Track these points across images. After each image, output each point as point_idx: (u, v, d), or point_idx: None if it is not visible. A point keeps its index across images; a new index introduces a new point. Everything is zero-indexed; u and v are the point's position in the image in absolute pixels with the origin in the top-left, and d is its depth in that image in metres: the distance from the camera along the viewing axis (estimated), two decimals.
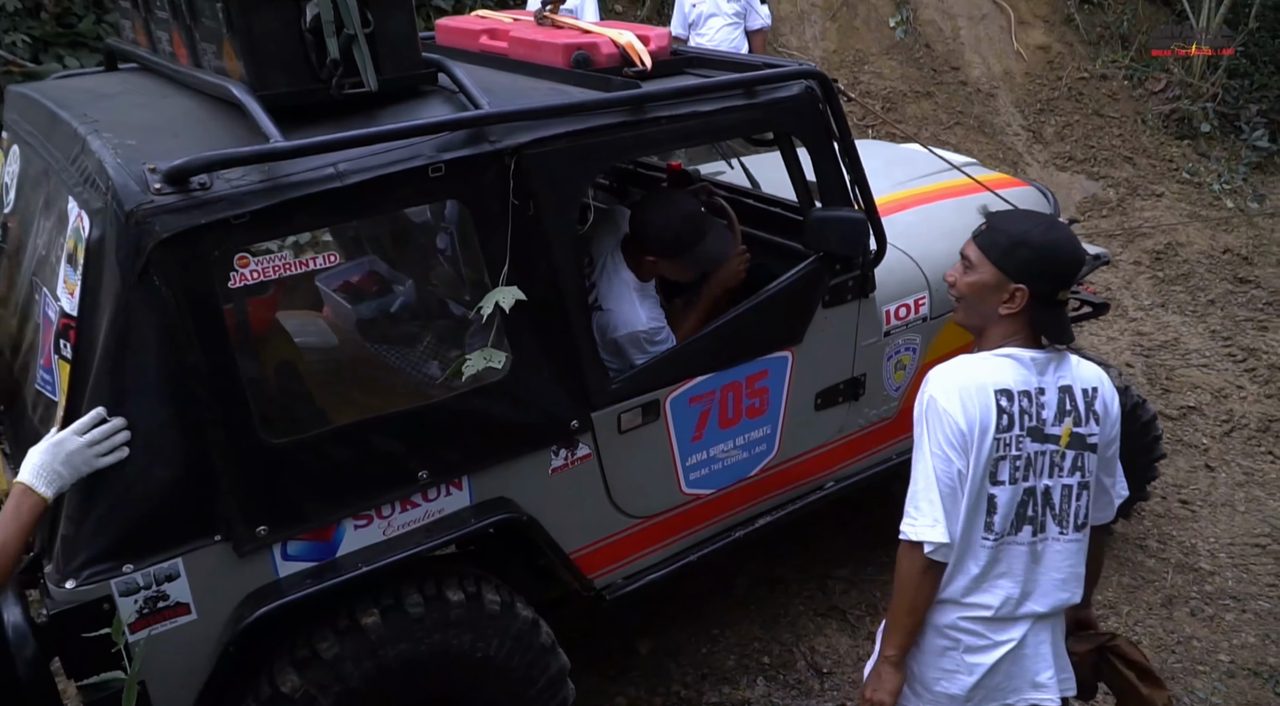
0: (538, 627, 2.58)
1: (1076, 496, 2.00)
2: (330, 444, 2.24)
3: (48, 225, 2.35)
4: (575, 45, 2.74)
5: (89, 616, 2.05)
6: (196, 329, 2.02)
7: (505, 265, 2.29)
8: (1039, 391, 1.98)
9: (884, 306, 3.26)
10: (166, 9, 2.43)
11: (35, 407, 2.35)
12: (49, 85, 2.82)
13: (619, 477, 2.77)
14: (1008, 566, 2.01)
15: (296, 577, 2.29)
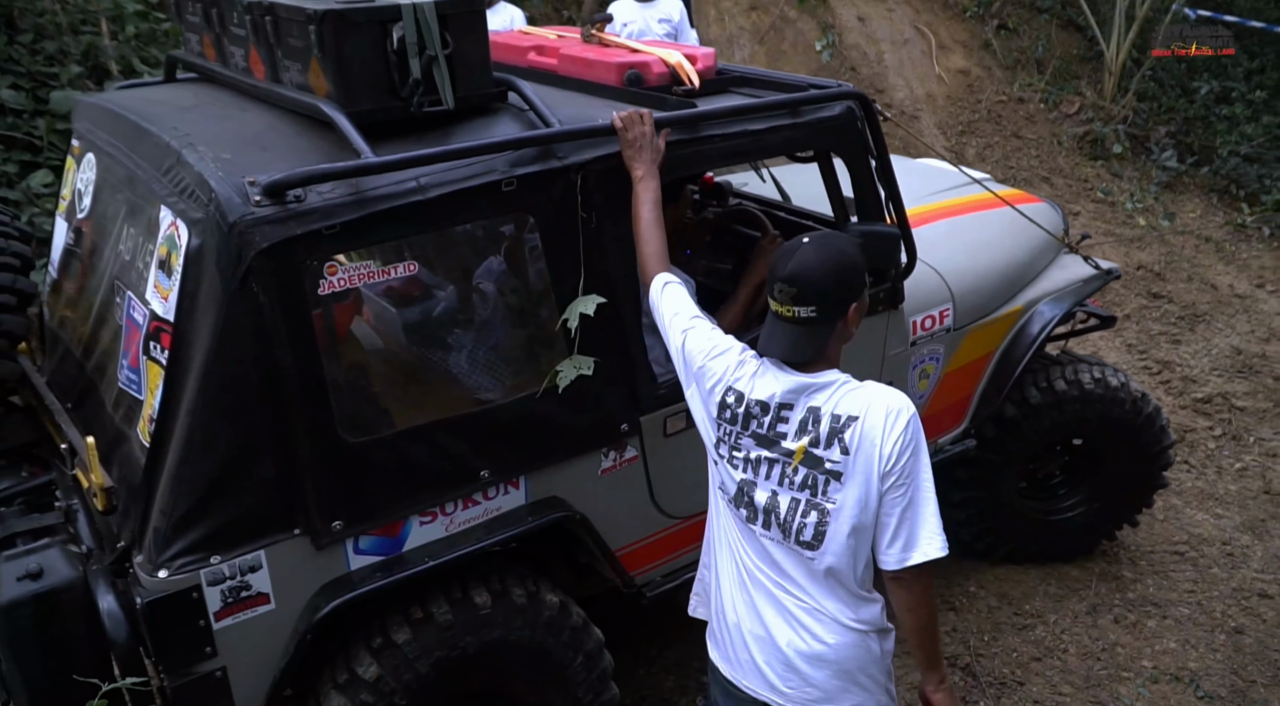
0: (568, 610, 2.70)
1: (802, 513, 1.97)
2: (402, 444, 2.36)
3: (132, 231, 2.46)
4: (627, 64, 2.87)
5: (179, 604, 2.16)
6: (289, 333, 2.13)
7: (581, 275, 2.42)
8: (782, 405, 1.99)
9: (911, 317, 3.39)
10: (245, 27, 2.54)
11: (118, 405, 2.45)
12: (119, 96, 2.93)
13: (662, 479, 2.89)
14: (730, 538, 2.14)
15: (367, 570, 2.40)
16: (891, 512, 1.92)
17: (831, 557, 1.96)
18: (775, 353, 2.00)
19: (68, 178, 2.97)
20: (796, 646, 2.02)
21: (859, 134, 2.97)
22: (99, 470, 2.21)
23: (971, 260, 3.69)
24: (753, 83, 3.05)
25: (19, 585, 2.12)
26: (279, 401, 2.18)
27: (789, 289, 1.94)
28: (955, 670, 3.57)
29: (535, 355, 2.50)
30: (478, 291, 2.38)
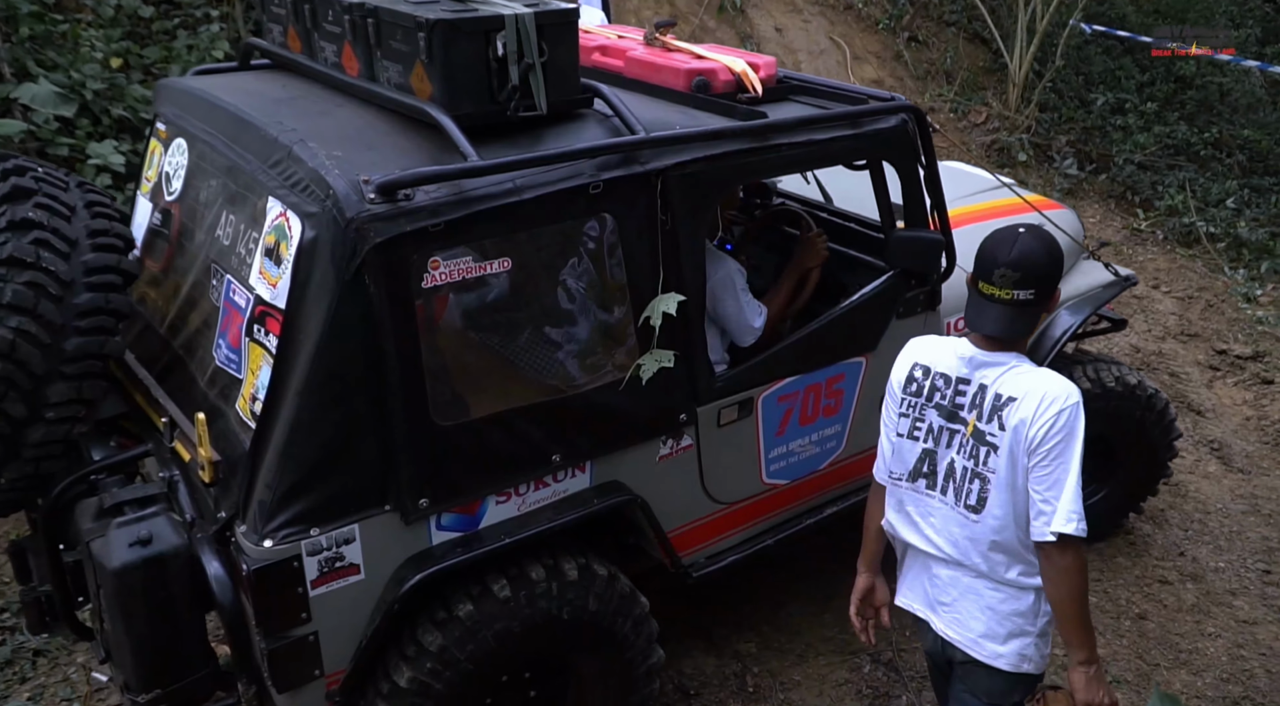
0: (616, 580, 2.85)
1: (969, 479, 2.22)
2: (485, 428, 2.50)
3: (232, 218, 2.58)
4: (695, 71, 3.00)
5: (281, 572, 2.31)
6: (393, 323, 2.27)
7: (661, 274, 2.57)
8: (960, 380, 2.24)
9: (946, 318, 3.55)
10: (342, 25, 2.65)
11: (213, 382, 2.58)
12: (205, 82, 3.03)
13: (712, 466, 3.05)
14: (906, 506, 2.38)
15: (447, 546, 2.55)
16: (1037, 489, 2.12)
17: (992, 521, 2.19)
18: (989, 329, 2.18)
19: (152, 160, 3.07)
20: (960, 584, 2.30)
21: (912, 144, 3.12)
22: (208, 445, 2.34)
23: None
24: (811, 91, 3.19)
25: (131, 550, 2.26)
26: (380, 386, 2.32)
27: (1011, 274, 2.12)
28: (878, 665, 3.68)
29: (609, 348, 2.65)
30: (561, 287, 2.52)
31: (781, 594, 3.88)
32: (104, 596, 2.32)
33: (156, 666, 2.35)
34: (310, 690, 2.47)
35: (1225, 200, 8.54)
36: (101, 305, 2.44)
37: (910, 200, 3.22)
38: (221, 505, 2.42)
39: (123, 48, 5.56)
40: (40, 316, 2.33)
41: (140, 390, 2.81)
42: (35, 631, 2.76)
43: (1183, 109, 9.79)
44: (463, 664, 2.59)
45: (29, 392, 2.35)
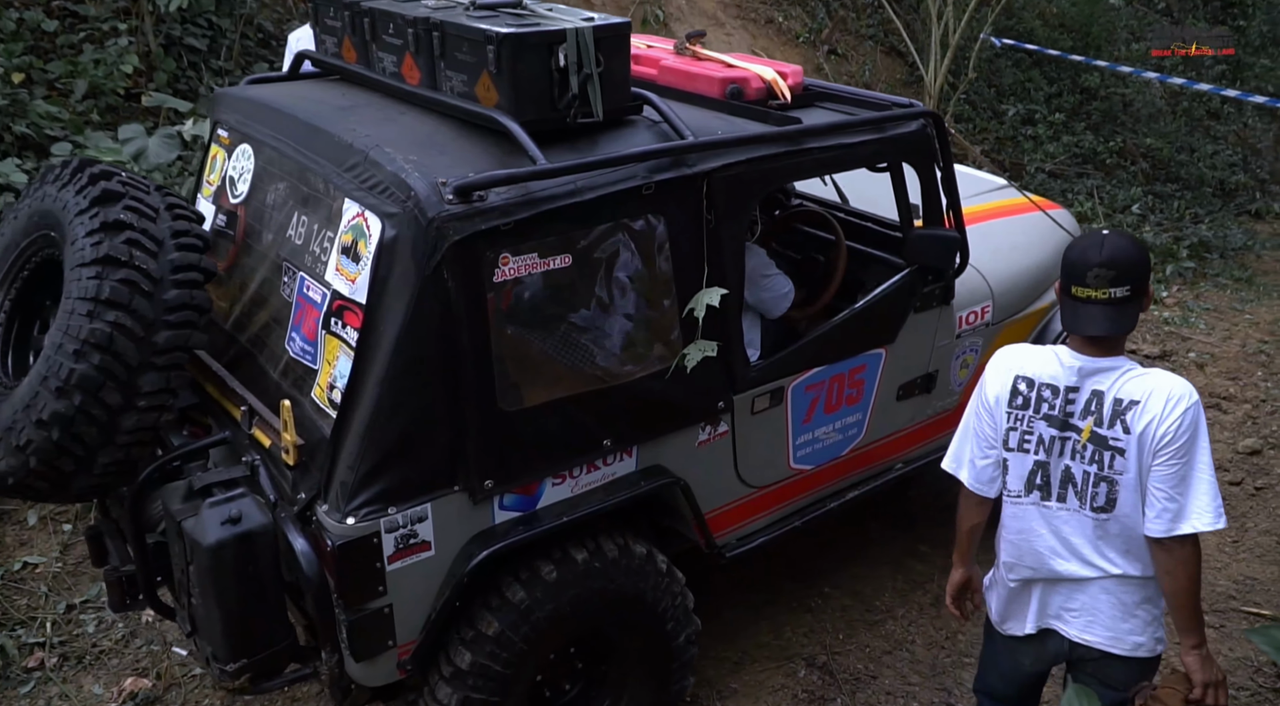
0: (654, 557, 3.03)
1: (1094, 483, 2.28)
2: (545, 414, 2.68)
3: (305, 219, 2.75)
4: (729, 79, 3.20)
5: (362, 548, 2.48)
6: (468, 316, 2.45)
7: (705, 270, 2.76)
8: (1069, 389, 2.29)
9: (958, 313, 3.76)
10: (405, 37, 2.83)
11: (286, 373, 2.75)
12: (266, 91, 3.20)
13: (745, 452, 3.24)
14: (1025, 524, 2.42)
15: (508, 524, 2.73)
16: (1163, 486, 2.19)
17: (1123, 519, 2.27)
18: (1093, 330, 2.23)
19: (214, 164, 3.23)
20: (1090, 589, 2.37)
21: (931, 148, 3.33)
22: (293, 430, 2.51)
23: (1007, 261, 4.06)
24: (835, 98, 3.39)
25: (223, 528, 2.42)
26: (453, 374, 2.50)
27: (1107, 272, 2.19)
28: (813, 669, 3.73)
29: (656, 339, 2.83)
30: (614, 282, 2.70)
31: (718, 601, 3.92)
32: (195, 573, 2.48)
33: (243, 637, 2.51)
34: (384, 660, 2.64)
35: (1131, 206, 8.99)
36: (187, 301, 2.60)
37: (928, 200, 3.43)
38: (300, 487, 2.59)
39: (25, 62, 5.51)
40: (135, 311, 2.49)
41: (212, 381, 2.97)
42: (117, 609, 2.91)
43: (1088, 119, 10.33)
44: (518, 645, 2.76)
45: (124, 383, 2.50)
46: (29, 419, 2.47)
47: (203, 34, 6.61)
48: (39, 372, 2.48)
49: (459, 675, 2.71)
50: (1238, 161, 11.14)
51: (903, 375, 3.65)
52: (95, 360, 2.45)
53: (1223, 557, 4.41)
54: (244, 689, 2.61)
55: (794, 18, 9.90)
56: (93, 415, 2.48)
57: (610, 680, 3.14)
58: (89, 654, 3.68)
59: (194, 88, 6.36)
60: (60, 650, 3.69)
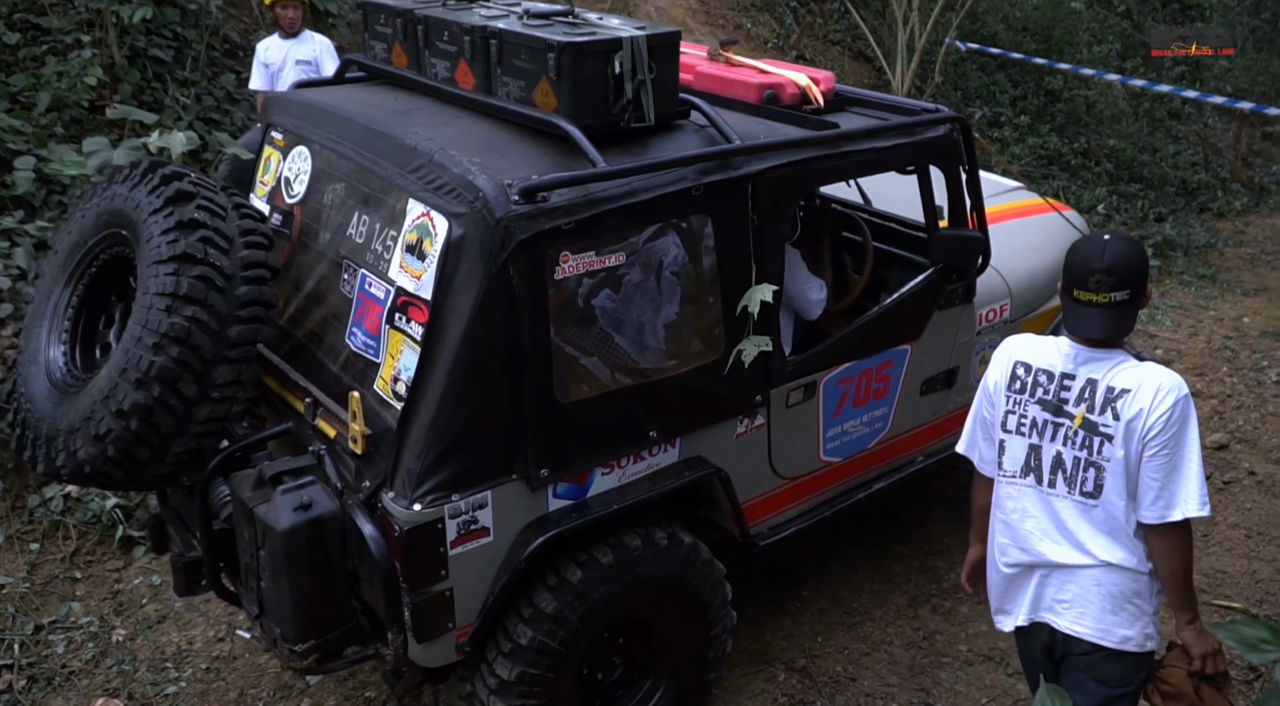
0: (698, 547, 3.16)
1: (1083, 469, 2.35)
2: (597, 406, 2.80)
3: (365, 219, 2.86)
4: (765, 85, 3.32)
5: (428, 533, 2.60)
6: (530, 311, 2.57)
7: (753, 267, 2.88)
8: (1064, 376, 2.38)
9: (978, 310, 3.90)
10: (460, 44, 2.94)
11: (347, 366, 2.86)
12: (318, 94, 3.31)
13: (779, 444, 3.36)
14: (1019, 504, 2.49)
15: (562, 512, 2.85)
16: (1155, 475, 2.28)
17: (1110, 506, 2.34)
18: (1093, 333, 2.33)
19: (268, 166, 3.34)
20: (1081, 580, 2.41)
21: (958, 151, 3.46)
22: (362, 421, 2.63)
23: (1024, 261, 4.20)
24: (865, 103, 3.52)
25: (295, 514, 2.53)
26: (515, 367, 2.61)
27: (1107, 278, 2.28)
28: (792, 672, 3.72)
29: (701, 335, 2.96)
30: (664, 279, 2.82)
31: None
32: (267, 556, 2.59)
33: (312, 619, 2.63)
34: (443, 641, 2.75)
35: (1096, 206, 9.17)
36: (256, 297, 2.72)
37: (954, 201, 3.56)
38: (365, 475, 2.70)
39: None
40: (210, 306, 2.60)
41: (269, 375, 3.08)
42: (183, 593, 3.02)
43: (1053, 121, 10.56)
44: (573, 624, 2.88)
45: (199, 375, 2.61)
46: (108, 409, 2.58)
47: (167, 45, 6.56)
48: (118, 364, 2.59)
49: (518, 651, 2.82)
50: (1199, 161, 11.46)
51: (926, 371, 3.78)
52: (174, 353, 2.56)
53: (1193, 551, 4.48)
54: (310, 669, 2.72)
55: (762, 24, 10.07)
56: (170, 405, 2.59)
57: (651, 666, 3.26)
58: (58, 675, 3.68)
59: (159, 99, 6.33)
60: (29, 671, 3.68)
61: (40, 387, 2.84)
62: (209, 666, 3.71)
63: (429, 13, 3.08)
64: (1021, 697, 3.63)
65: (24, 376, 2.90)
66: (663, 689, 3.28)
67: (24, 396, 2.87)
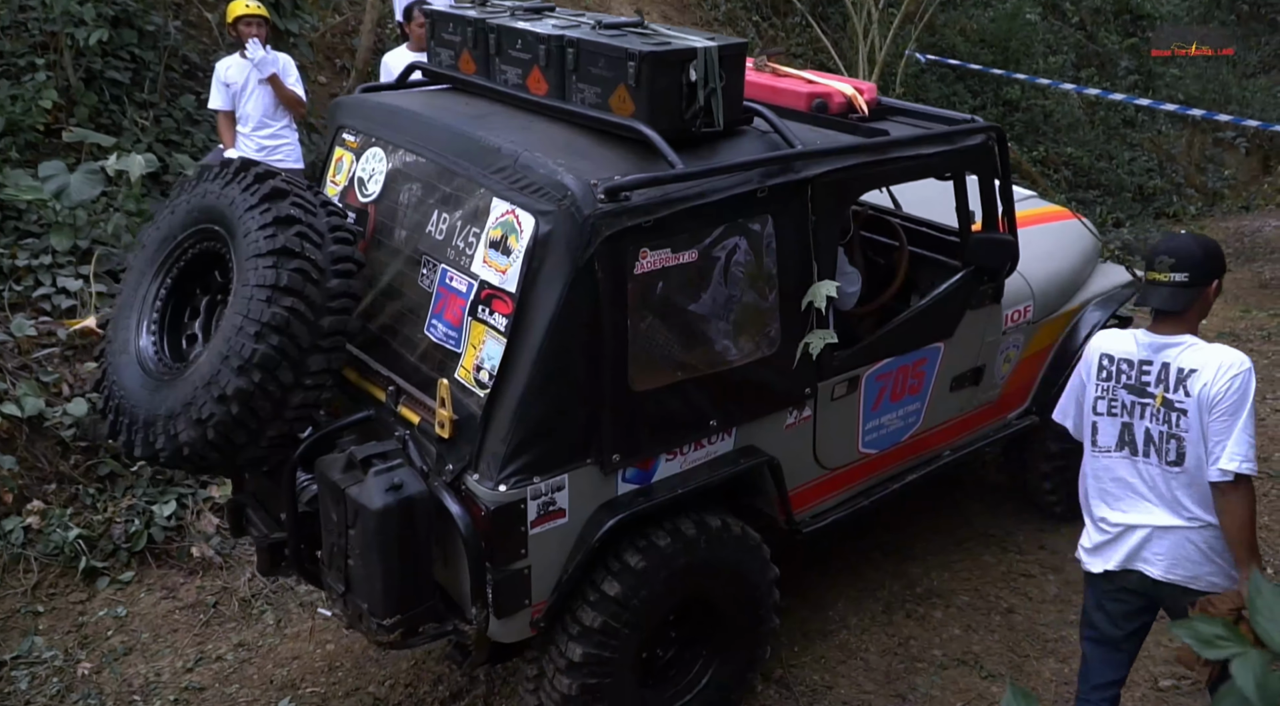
0: (747, 532, 3.32)
1: (1166, 441, 2.72)
2: (666, 395, 2.96)
3: (446, 216, 3.02)
4: (814, 94, 3.50)
5: (511, 513, 2.75)
6: (611, 304, 2.73)
7: (814, 265, 3.06)
8: (1143, 362, 2.77)
9: (1004, 311, 4.09)
10: (534, 52, 3.10)
11: (427, 356, 3.01)
12: (391, 98, 3.47)
13: (823, 435, 3.53)
14: (1115, 475, 2.83)
15: (630, 495, 3.01)
16: (1217, 439, 2.62)
17: (1191, 472, 2.68)
18: (1155, 304, 2.74)
19: (339, 166, 3.49)
20: (1173, 536, 2.74)
21: (993, 159, 3.65)
22: (451, 407, 2.78)
23: (1045, 265, 4.40)
24: (905, 113, 3.71)
25: (388, 494, 2.67)
26: (594, 357, 2.77)
27: (1167, 260, 2.71)
28: (770, 683, 3.76)
29: (762, 329, 3.12)
30: (730, 276, 2.99)
31: None
32: (358, 535, 2.73)
33: (401, 595, 2.77)
34: (520, 617, 2.90)
35: None
36: (346, 289, 2.87)
37: (987, 206, 3.75)
38: (448, 458, 2.85)
39: None
40: (307, 298, 2.75)
41: (349, 365, 3.22)
42: (267, 573, 3.16)
43: (1012, 131, 10.90)
44: (637, 605, 3.03)
45: (295, 362, 2.76)
46: (210, 394, 2.72)
47: (125, 67, 6.47)
48: (219, 352, 2.73)
49: (587, 633, 2.97)
50: (1154, 167, 11.89)
51: (956, 368, 3.96)
52: (274, 341, 2.70)
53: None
54: (396, 643, 2.86)
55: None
56: (268, 391, 2.73)
57: (705, 646, 3.42)
58: None
59: (117, 122, 6.24)
60: None
61: (133, 376, 2.97)
62: (177, 698, 3.72)
63: (501, 22, 3.24)
64: (994, 701, 3.73)
65: (115, 365, 3.03)
66: (714, 667, 3.44)
67: (116, 384, 3.00)
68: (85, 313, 4.98)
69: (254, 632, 4.02)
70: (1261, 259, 9.81)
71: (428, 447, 2.90)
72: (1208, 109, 11.20)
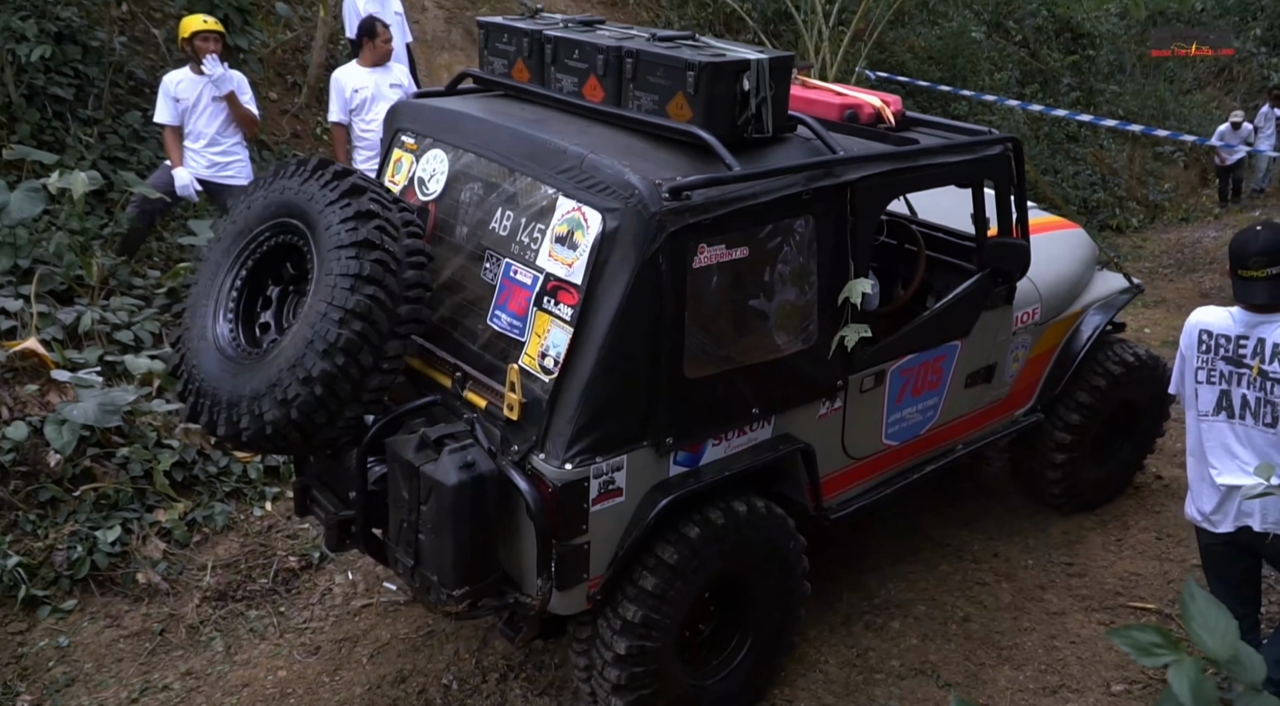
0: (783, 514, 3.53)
1: (1262, 406, 3.15)
2: (716, 382, 3.17)
3: (510, 213, 3.21)
4: (845, 105, 3.73)
5: (576, 491, 2.94)
6: (672, 295, 2.94)
7: (851, 264, 3.28)
8: (1239, 337, 3.19)
9: (1015, 312, 4.33)
10: (591, 62, 3.30)
11: (490, 345, 3.20)
12: (451, 102, 3.67)
13: (851, 426, 3.75)
14: (1220, 437, 3.26)
15: (680, 477, 3.21)
16: None
17: None
18: (1258, 300, 3.15)
19: (398, 167, 3.67)
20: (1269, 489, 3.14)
21: (1010, 169, 3.90)
22: (520, 391, 2.97)
23: (1051, 270, 4.65)
24: (927, 124, 3.95)
25: (461, 471, 2.85)
26: (654, 345, 2.98)
27: (1262, 258, 3.11)
28: None
29: (802, 322, 3.34)
30: (776, 272, 3.20)
31: None
32: (431, 510, 2.91)
33: (470, 567, 2.95)
34: (578, 591, 3.09)
35: None
36: (420, 280, 3.05)
37: (1003, 213, 3.99)
38: (514, 440, 3.03)
39: None
40: (386, 287, 2.94)
41: (414, 353, 3.40)
42: (335, 549, 3.32)
43: None
44: (689, 575, 3.23)
45: (375, 348, 2.94)
46: (295, 376, 2.89)
47: (68, 83, 6.40)
48: (303, 337, 2.91)
49: (642, 595, 3.16)
50: (1097, 180, 12.36)
51: (971, 365, 4.20)
52: (356, 327, 2.88)
53: (1108, 556, 4.74)
54: (462, 613, 3.04)
55: None
56: (350, 374, 2.91)
57: (741, 623, 3.61)
58: None
59: (60, 139, 6.17)
60: None
61: (212, 361, 3.14)
62: None
63: (558, 33, 3.45)
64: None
65: (194, 351, 3.19)
66: (748, 646, 3.63)
67: (195, 368, 3.17)
68: (26, 333, 4.87)
69: (202, 660, 3.93)
70: (1201, 269, 10.22)
71: (492, 430, 3.09)
72: (1146, 124, 11.65)
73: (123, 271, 5.69)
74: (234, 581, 4.30)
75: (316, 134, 8.16)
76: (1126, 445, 5.04)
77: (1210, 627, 1.35)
